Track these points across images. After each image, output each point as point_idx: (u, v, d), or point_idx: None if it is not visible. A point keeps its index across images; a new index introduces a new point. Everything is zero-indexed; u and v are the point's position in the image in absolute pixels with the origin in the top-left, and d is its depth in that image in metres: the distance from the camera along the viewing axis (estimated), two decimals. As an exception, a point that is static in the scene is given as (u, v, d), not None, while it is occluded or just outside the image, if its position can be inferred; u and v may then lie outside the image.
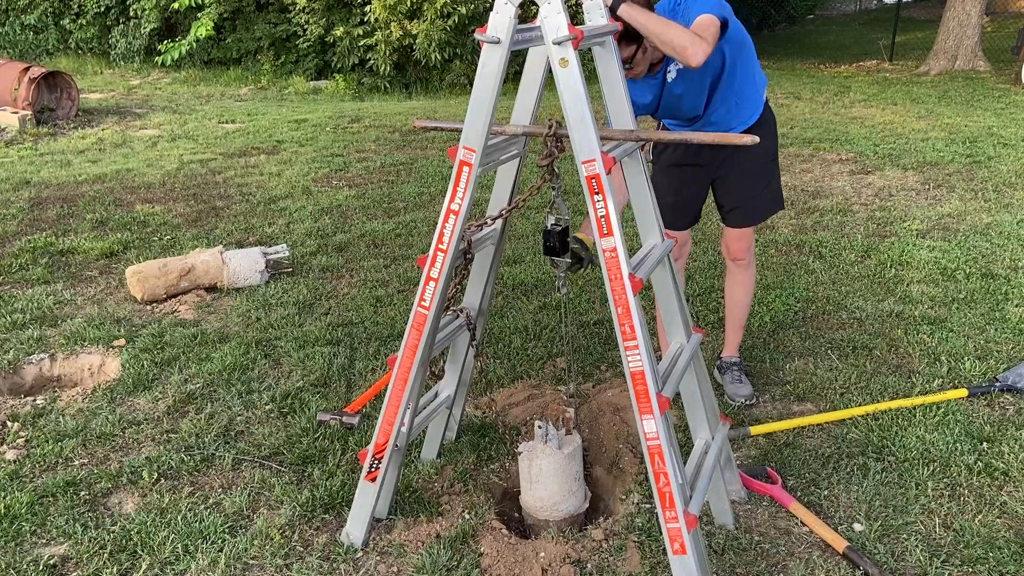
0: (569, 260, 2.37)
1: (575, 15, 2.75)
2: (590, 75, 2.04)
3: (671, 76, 2.75)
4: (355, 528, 2.44)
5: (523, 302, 4.18)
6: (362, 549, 2.43)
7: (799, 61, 14.92)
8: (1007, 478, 2.68)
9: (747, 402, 3.20)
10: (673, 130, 2.97)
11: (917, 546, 2.39)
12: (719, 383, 3.34)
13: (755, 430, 2.98)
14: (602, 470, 2.84)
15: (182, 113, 10.01)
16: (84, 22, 14.91)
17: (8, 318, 3.99)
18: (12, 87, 8.78)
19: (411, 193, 6.18)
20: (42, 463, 2.86)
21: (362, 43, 11.81)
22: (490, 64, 2.01)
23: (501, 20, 1.95)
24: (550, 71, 2.00)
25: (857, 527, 2.49)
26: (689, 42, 2.39)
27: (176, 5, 12.46)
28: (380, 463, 2.39)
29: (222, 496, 2.68)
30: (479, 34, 1.98)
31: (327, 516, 2.57)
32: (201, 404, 3.23)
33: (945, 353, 3.50)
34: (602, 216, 1.99)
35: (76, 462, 2.87)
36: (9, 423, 3.12)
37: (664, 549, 2.11)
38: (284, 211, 5.78)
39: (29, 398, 3.32)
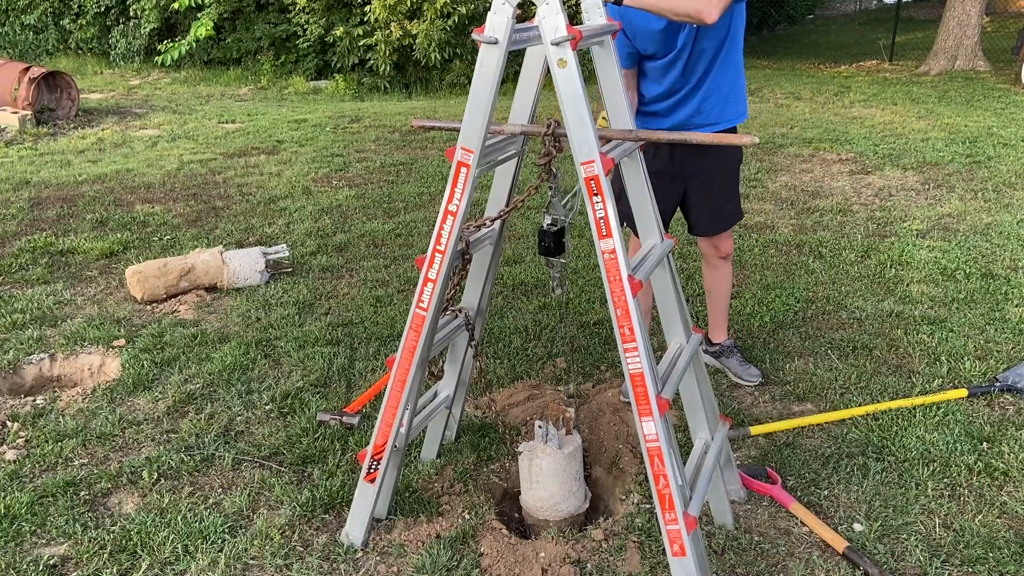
0: (564, 260, 2.36)
1: (574, 15, 2.76)
2: (589, 75, 2.04)
3: None
4: (355, 528, 2.44)
5: (523, 302, 4.18)
6: (362, 549, 2.43)
7: (799, 61, 14.92)
8: (1007, 478, 2.68)
9: (761, 382, 3.27)
10: (657, 117, 2.98)
11: (917, 546, 2.39)
12: (719, 368, 3.36)
13: (755, 430, 2.98)
14: (602, 470, 2.84)
15: (182, 113, 10.01)
16: (84, 22, 14.92)
17: (8, 318, 3.99)
18: (12, 87, 8.78)
19: (411, 193, 6.18)
20: (42, 463, 2.86)
21: (362, 43, 11.81)
22: (488, 64, 2.01)
23: (499, 20, 1.95)
24: (548, 70, 2.00)
25: (857, 527, 2.49)
26: (703, 4, 2.45)
27: (176, 5, 12.47)
28: (379, 464, 2.39)
29: (222, 496, 2.68)
30: (476, 34, 1.98)
31: (327, 516, 2.58)
32: (201, 404, 3.24)
33: (945, 353, 3.50)
34: (601, 218, 1.99)
35: (76, 462, 2.87)
36: (9, 423, 3.12)
37: (664, 549, 2.11)
38: (284, 211, 5.78)
39: (29, 398, 3.32)
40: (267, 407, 3.21)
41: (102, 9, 14.59)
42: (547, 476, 2.43)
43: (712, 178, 3.07)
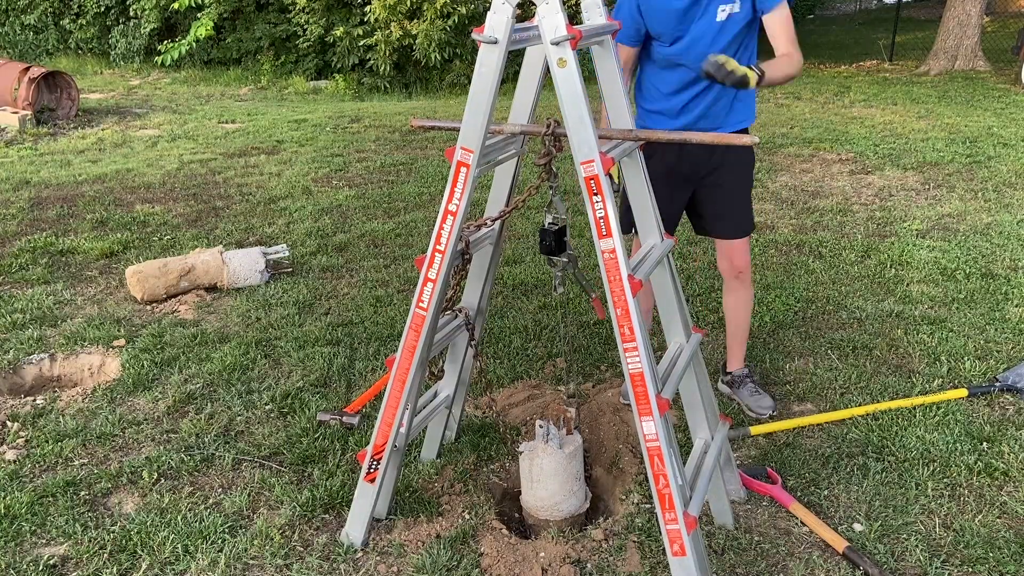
0: (565, 260, 2.36)
1: (574, 15, 2.76)
2: (589, 75, 2.04)
3: (722, 15, 2.70)
4: (355, 528, 2.44)
5: (523, 302, 4.18)
6: (362, 549, 2.43)
7: (799, 61, 14.89)
8: (1007, 478, 2.68)
9: (773, 413, 3.10)
10: (662, 117, 2.92)
11: (917, 546, 2.39)
12: (732, 399, 3.23)
13: (755, 430, 2.98)
14: (602, 470, 2.84)
15: (182, 113, 10.01)
16: (84, 22, 14.92)
17: (8, 318, 3.99)
18: (12, 87, 8.78)
19: (411, 193, 6.18)
20: (42, 463, 2.86)
21: (362, 43, 11.81)
22: (488, 64, 2.01)
23: (499, 20, 1.95)
24: (548, 69, 2.00)
25: (857, 527, 2.49)
26: (796, 66, 2.66)
27: (176, 5, 12.47)
28: (379, 464, 2.39)
29: (222, 496, 2.68)
30: (476, 34, 1.98)
31: (327, 516, 2.58)
32: (201, 404, 3.23)
33: (945, 353, 3.50)
34: (601, 218, 1.99)
35: (76, 462, 2.87)
36: (9, 423, 3.12)
37: (664, 549, 2.11)
38: (284, 211, 5.78)
39: (29, 398, 3.32)
40: (267, 407, 3.21)
41: (102, 9, 14.60)
42: (548, 476, 2.43)
43: (723, 179, 3.00)
